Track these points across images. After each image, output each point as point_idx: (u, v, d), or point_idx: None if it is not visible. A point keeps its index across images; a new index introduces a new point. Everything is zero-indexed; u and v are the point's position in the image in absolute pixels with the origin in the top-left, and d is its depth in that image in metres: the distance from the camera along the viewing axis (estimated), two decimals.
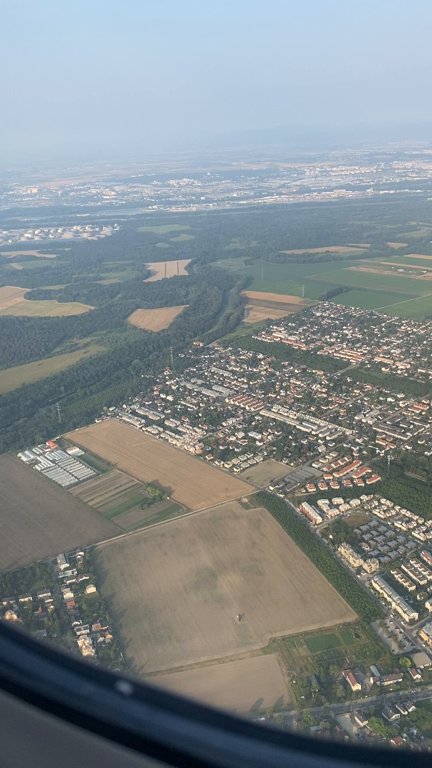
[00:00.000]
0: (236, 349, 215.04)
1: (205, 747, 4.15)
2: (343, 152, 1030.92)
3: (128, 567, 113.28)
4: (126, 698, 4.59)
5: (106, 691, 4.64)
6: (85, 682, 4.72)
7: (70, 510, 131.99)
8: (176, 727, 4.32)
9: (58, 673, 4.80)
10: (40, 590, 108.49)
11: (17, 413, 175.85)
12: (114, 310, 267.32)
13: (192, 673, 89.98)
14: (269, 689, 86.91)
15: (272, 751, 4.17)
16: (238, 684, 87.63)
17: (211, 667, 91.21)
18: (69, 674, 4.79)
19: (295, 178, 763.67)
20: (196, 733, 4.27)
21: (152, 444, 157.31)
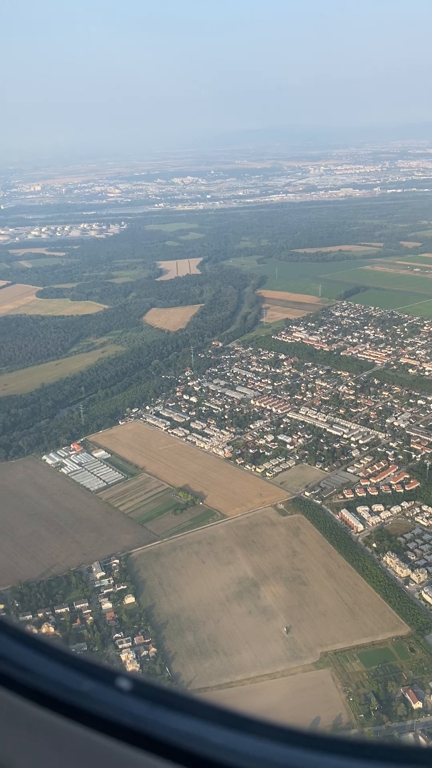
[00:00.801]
0: (257, 349, 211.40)
1: (205, 743, 4.16)
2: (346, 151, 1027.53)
3: (166, 576, 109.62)
4: (126, 695, 4.57)
5: (106, 688, 4.62)
6: (85, 678, 4.70)
7: (100, 515, 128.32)
8: (175, 724, 4.31)
9: (58, 670, 4.76)
10: (77, 600, 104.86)
11: (38, 414, 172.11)
12: (128, 309, 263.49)
13: (243, 689, 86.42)
14: (326, 707, 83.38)
15: (271, 746, 4.17)
16: (293, 701, 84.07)
17: (262, 682, 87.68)
18: (69, 671, 4.76)
19: (299, 176, 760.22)
20: (195, 730, 4.27)
21: (179, 447, 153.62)
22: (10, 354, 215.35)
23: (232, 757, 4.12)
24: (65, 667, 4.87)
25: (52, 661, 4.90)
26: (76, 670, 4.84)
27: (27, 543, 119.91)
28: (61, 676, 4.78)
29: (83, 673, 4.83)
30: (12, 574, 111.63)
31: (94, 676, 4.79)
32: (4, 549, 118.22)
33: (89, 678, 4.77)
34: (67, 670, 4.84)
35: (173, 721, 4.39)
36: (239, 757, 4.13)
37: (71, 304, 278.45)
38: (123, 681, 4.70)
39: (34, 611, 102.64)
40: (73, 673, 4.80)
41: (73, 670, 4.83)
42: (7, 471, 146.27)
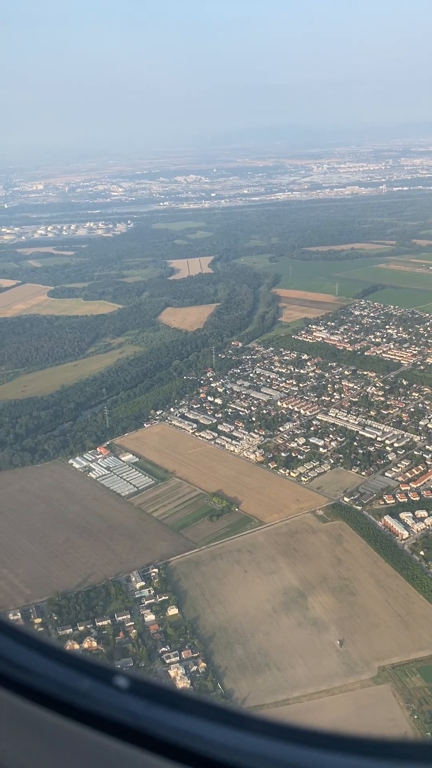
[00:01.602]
0: (278, 349, 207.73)
1: (203, 741, 4.20)
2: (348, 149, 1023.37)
3: (208, 586, 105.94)
4: (123, 693, 4.60)
5: (104, 686, 4.65)
6: (83, 677, 4.72)
7: (134, 522, 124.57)
8: (173, 722, 4.36)
9: (56, 669, 4.79)
10: (119, 612, 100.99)
11: (61, 417, 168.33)
12: (143, 309, 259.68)
13: (301, 707, 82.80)
14: (390, 725, 79.71)
15: (269, 743, 4.20)
16: (355, 719, 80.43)
17: (320, 699, 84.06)
18: (67, 670, 4.79)
19: (303, 174, 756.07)
20: (193, 727, 4.31)
21: (208, 450, 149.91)
22: (27, 355, 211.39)
23: (230, 754, 4.07)
24: (63, 665, 4.83)
25: (49, 660, 4.83)
26: (74, 669, 4.80)
27: (60, 551, 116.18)
28: (59, 674, 4.74)
29: (80, 671, 4.78)
30: (47, 584, 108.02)
31: (92, 675, 4.75)
32: (38, 558, 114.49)
33: (87, 676, 4.72)
34: (65, 669, 4.79)
35: (171, 719, 4.36)
36: (237, 755, 4.07)
37: (84, 304, 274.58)
38: (120, 679, 4.64)
39: (74, 625, 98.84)
40: (70, 672, 4.73)
41: (70, 668, 4.76)
42: (34, 475, 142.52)
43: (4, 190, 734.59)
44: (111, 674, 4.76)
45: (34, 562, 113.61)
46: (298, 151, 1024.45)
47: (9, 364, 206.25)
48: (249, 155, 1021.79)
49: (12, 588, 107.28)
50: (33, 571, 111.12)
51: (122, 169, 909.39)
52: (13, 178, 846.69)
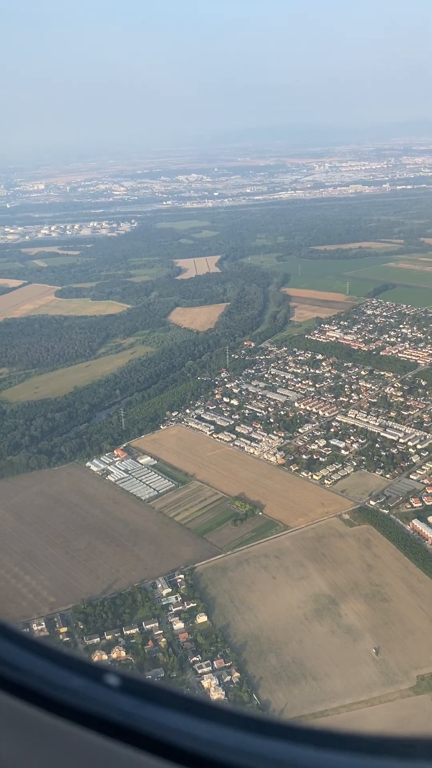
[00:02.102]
0: (291, 349, 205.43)
1: (195, 738, 4.23)
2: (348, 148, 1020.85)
3: (236, 592, 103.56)
4: (115, 691, 4.61)
5: (95, 685, 4.65)
6: (74, 675, 4.73)
7: (156, 526, 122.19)
8: (165, 720, 4.38)
9: (47, 667, 4.79)
10: (146, 620, 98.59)
11: (75, 419, 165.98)
12: (152, 309, 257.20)
13: (341, 718, 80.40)
14: None
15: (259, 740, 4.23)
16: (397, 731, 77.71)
17: (360, 710, 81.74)
18: (57, 668, 4.79)
19: (305, 173, 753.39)
20: (185, 725, 4.33)
21: (227, 452, 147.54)
22: (38, 356, 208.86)
23: (220, 751, 4.08)
24: (53, 663, 4.77)
25: (39, 658, 4.81)
26: (64, 667, 4.74)
27: (83, 557, 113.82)
28: (49, 672, 4.68)
29: (71, 669, 4.74)
30: (71, 591, 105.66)
31: (83, 673, 4.72)
32: (60, 564, 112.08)
33: (78, 675, 4.70)
34: (55, 667, 4.74)
35: (162, 717, 4.36)
36: (228, 752, 4.08)
37: (92, 304, 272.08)
38: (112, 677, 4.65)
39: (101, 634, 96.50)
40: (60, 670, 4.72)
41: (60, 666, 4.76)
42: (52, 479, 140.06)
43: (5, 189, 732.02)
44: (102, 672, 4.73)
45: (56, 568, 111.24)
46: (299, 150, 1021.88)
47: (20, 364, 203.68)
48: (250, 154, 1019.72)
49: (35, 595, 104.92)
50: (56, 578, 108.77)
51: (123, 168, 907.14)
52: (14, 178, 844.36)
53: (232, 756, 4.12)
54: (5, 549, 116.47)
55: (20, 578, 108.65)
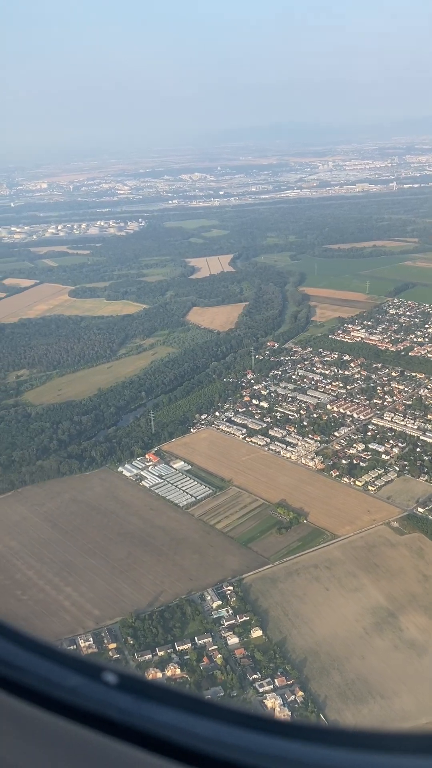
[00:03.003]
0: (317, 349, 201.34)
1: (191, 735, 4.26)
2: (350, 147, 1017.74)
3: (289, 605, 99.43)
4: (111, 689, 4.64)
5: (92, 682, 4.68)
6: (71, 673, 4.74)
7: (198, 534, 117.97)
8: (162, 717, 4.40)
9: (43, 665, 4.80)
10: (199, 635, 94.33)
11: (102, 422, 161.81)
12: (169, 309, 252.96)
13: None
14: None
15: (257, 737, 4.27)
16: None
17: None
18: (54, 665, 4.80)
19: (309, 172, 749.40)
20: (181, 722, 4.36)
21: (263, 457, 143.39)
22: (57, 357, 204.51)
23: (218, 748, 4.12)
24: (49, 661, 4.77)
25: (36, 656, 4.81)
26: (61, 665, 4.74)
27: (125, 567, 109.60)
28: (46, 670, 4.68)
29: (68, 667, 4.73)
30: (116, 604, 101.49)
31: (81, 671, 4.70)
32: (102, 575, 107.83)
33: (76, 672, 4.67)
34: (52, 665, 4.74)
35: (159, 714, 4.35)
36: (226, 748, 4.11)
37: (107, 304, 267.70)
38: (109, 675, 4.65)
39: (152, 649, 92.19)
40: (57, 668, 4.72)
41: (57, 664, 4.75)
42: (85, 484, 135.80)
43: (7, 188, 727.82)
44: (99, 670, 4.67)
45: (98, 579, 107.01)
46: (300, 149, 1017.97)
47: (40, 366, 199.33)
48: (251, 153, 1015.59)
49: (78, 609, 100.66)
50: (99, 590, 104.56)
51: (125, 167, 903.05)
52: (15, 177, 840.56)
53: (229, 752, 4.09)
54: (43, 559, 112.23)
55: (61, 590, 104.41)
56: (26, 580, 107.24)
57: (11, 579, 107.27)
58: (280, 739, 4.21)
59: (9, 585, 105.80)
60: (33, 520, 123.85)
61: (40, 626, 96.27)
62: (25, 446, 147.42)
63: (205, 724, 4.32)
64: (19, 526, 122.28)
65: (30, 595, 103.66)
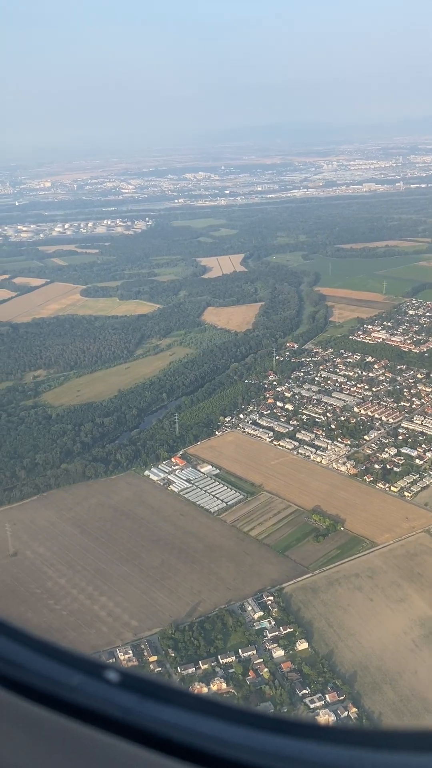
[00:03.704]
0: (338, 351, 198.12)
1: (194, 734, 4.26)
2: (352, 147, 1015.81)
3: (333, 616, 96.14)
4: (115, 687, 4.63)
5: (95, 681, 4.68)
6: (74, 671, 4.74)
7: (231, 542, 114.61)
8: (165, 715, 4.40)
9: (46, 663, 4.79)
10: (242, 647, 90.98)
11: (124, 424, 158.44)
12: (184, 309, 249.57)
13: None
14: None
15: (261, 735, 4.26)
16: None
17: None
18: (58, 664, 4.79)
19: (314, 172, 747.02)
20: (184, 720, 4.35)
21: (292, 461, 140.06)
22: (74, 357, 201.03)
23: (222, 746, 4.11)
24: (54, 660, 4.75)
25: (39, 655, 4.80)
26: (64, 663, 4.73)
27: (159, 575, 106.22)
28: (49, 669, 4.67)
29: (70, 665, 4.72)
30: (153, 614, 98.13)
31: (84, 669, 4.69)
32: (136, 583, 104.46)
33: (78, 671, 4.67)
34: (54, 663, 4.72)
35: (163, 713, 4.34)
36: (229, 747, 4.11)
37: (120, 304, 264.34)
38: (112, 673, 4.66)
39: (195, 663, 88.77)
40: (60, 666, 4.72)
41: (62, 663, 4.74)
42: (111, 488, 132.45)
43: (11, 187, 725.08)
44: (101, 668, 4.66)
45: (132, 587, 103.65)
46: (303, 148, 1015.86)
47: (57, 366, 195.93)
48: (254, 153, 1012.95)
49: (115, 619, 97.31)
50: (134, 599, 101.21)
51: (127, 166, 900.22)
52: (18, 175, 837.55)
53: (233, 751, 4.07)
54: (74, 566, 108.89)
55: (95, 599, 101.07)
56: (58, 588, 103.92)
57: (43, 588, 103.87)
58: (283, 737, 4.18)
59: (41, 594, 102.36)
60: (61, 526, 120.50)
61: (76, 638, 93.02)
62: (48, 449, 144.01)
63: (208, 722, 4.29)
64: (47, 531, 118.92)
65: (63, 604, 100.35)
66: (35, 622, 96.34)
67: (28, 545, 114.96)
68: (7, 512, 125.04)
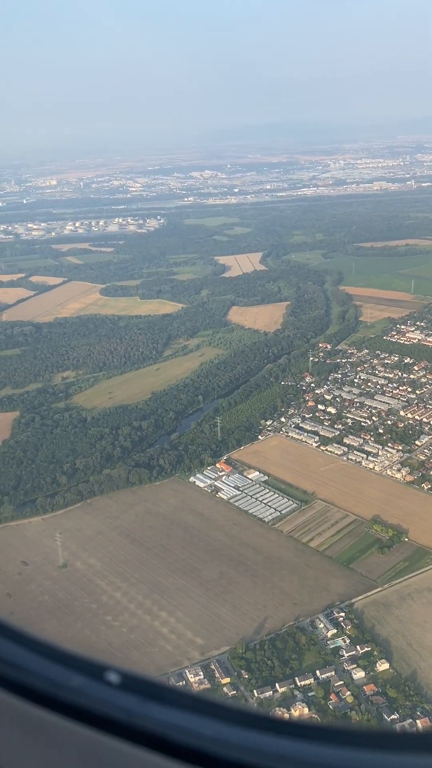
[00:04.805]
0: (373, 351, 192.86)
1: (194, 735, 4.24)
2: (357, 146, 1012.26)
3: (411, 634, 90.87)
4: (115, 688, 4.61)
5: (96, 682, 4.65)
6: (74, 673, 4.71)
7: (291, 553, 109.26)
8: (165, 716, 4.39)
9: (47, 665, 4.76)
10: (320, 668, 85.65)
11: (162, 427, 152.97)
12: (208, 308, 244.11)
13: None
14: None
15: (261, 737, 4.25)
16: None
17: None
18: (58, 666, 4.77)
19: (321, 170, 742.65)
20: (184, 722, 4.34)
21: (343, 467, 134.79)
22: (102, 358, 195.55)
23: (222, 747, 4.12)
24: (53, 662, 4.73)
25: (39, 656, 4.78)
26: (65, 665, 4.72)
27: (219, 589, 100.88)
28: (50, 670, 4.66)
29: (71, 667, 4.70)
30: (219, 631, 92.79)
31: (84, 671, 4.66)
32: (196, 597, 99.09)
33: (79, 673, 4.64)
34: (56, 665, 4.71)
35: (163, 714, 4.34)
36: (229, 748, 4.11)
37: (142, 303, 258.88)
38: (113, 675, 4.63)
39: (272, 685, 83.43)
40: (61, 668, 4.70)
41: (61, 665, 4.73)
42: (157, 495, 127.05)
43: (17, 185, 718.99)
44: (102, 670, 4.62)
45: (192, 602, 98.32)
46: (307, 147, 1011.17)
47: (85, 367, 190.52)
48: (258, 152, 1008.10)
49: (179, 636, 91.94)
50: (196, 614, 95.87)
51: (132, 165, 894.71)
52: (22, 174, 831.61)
53: (233, 752, 4.07)
54: (128, 579, 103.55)
55: (155, 615, 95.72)
56: (114, 603, 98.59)
57: (98, 602, 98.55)
58: (283, 738, 4.14)
59: (97, 609, 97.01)
60: (109, 535, 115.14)
61: (139, 658, 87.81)
62: (87, 453, 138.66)
63: (208, 723, 4.23)
64: (95, 541, 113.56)
65: (122, 621, 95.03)
66: (93, 641, 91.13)
67: (78, 556, 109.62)
68: (52, 520, 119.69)
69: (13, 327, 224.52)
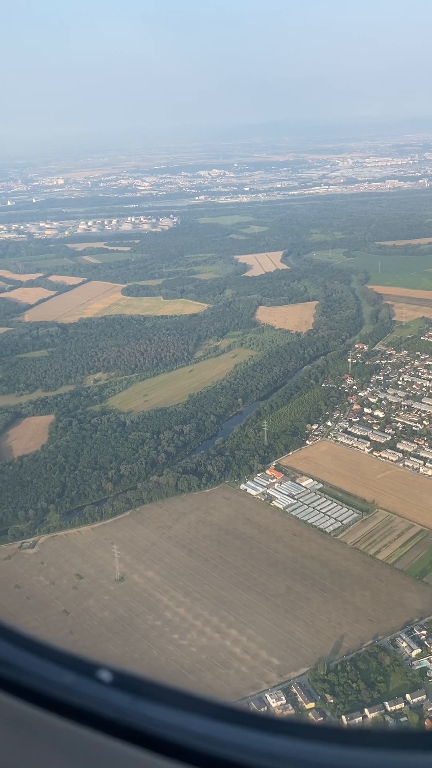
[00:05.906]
0: (413, 352, 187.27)
1: (187, 733, 4.23)
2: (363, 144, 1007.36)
3: None
4: (107, 686, 4.59)
5: (88, 680, 4.62)
6: (66, 671, 4.69)
7: (359, 566, 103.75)
8: (157, 715, 4.36)
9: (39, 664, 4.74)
10: (409, 691, 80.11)
11: (204, 432, 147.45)
12: (235, 308, 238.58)
13: None
14: None
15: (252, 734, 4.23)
16: None
17: None
18: (50, 664, 4.74)
19: (330, 169, 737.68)
20: (177, 720, 4.32)
21: (400, 474, 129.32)
22: (133, 360, 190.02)
23: (214, 746, 4.11)
24: (45, 660, 4.72)
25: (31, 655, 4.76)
26: (56, 663, 4.69)
27: (288, 604, 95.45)
28: (42, 669, 4.64)
29: (64, 665, 4.67)
30: (295, 650, 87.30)
31: (76, 669, 4.64)
32: (264, 613, 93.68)
33: (71, 671, 4.62)
34: (48, 663, 4.69)
35: (155, 712, 4.32)
36: (222, 746, 4.10)
37: (165, 303, 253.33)
38: (105, 673, 4.61)
39: (361, 710, 77.89)
40: (53, 666, 4.67)
41: (53, 663, 4.70)
42: (208, 503, 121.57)
43: (24, 185, 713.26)
44: (95, 668, 4.60)
45: (262, 618, 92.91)
46: (313, 146, 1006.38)
47: (117, 369, 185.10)
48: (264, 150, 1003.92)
49: (253, 657, 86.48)
50: (268, 632, 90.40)
51: (137, 164, 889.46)
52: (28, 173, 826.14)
53: (226, 750, 4.07)
54: (191, 593, 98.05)
55: (225, 633, 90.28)
56: (179, 620, 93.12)
57: (162, 619, 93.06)
58: (277, 736, 4.11)
59: (162, 627, 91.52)
60: (164, 546, 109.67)
61: (214, 681, 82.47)
62: (131, 459, 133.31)
63: (201, 722, 4.21)
64: (150, 552, 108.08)
65: (190, 639, 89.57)
66: (162, 663, 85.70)
67: (134, 568, 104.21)
68: (102, 529, 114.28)
69: (38, 328, 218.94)
